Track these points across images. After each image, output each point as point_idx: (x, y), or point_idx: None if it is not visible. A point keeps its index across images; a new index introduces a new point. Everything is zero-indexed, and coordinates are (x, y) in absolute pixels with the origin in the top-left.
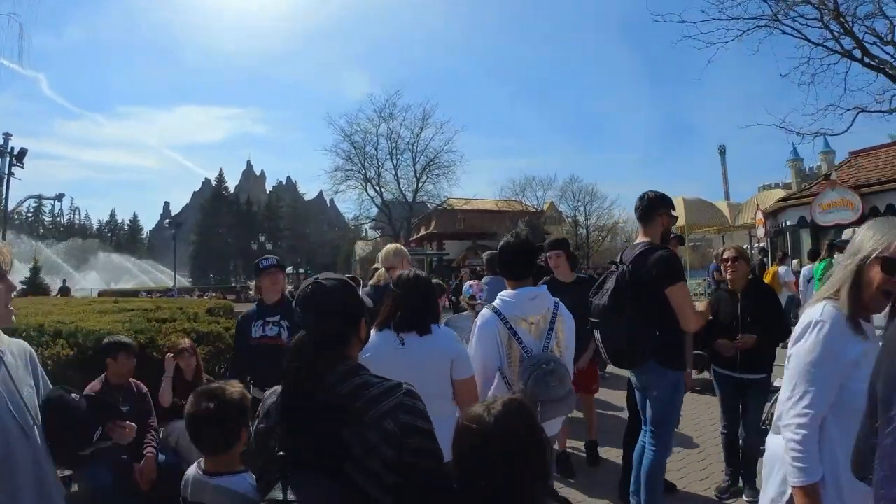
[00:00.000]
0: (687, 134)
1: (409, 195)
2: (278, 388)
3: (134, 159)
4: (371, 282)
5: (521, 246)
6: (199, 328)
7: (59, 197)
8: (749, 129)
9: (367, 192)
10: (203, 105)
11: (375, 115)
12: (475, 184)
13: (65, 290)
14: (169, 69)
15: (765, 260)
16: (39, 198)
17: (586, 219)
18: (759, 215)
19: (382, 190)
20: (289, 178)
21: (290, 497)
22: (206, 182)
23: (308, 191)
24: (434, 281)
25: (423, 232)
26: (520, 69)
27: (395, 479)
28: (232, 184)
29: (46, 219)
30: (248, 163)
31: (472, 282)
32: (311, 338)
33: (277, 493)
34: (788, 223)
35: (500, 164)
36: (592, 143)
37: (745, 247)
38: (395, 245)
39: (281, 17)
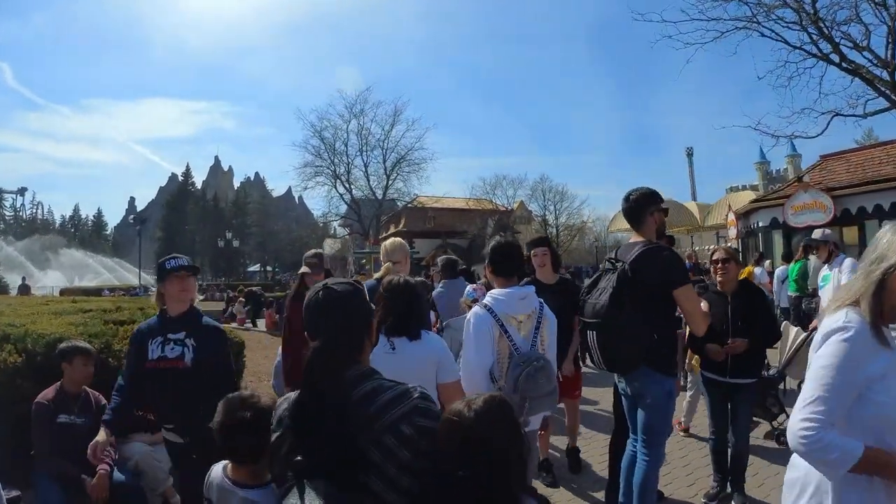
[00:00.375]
0: (653, 137)
1: (379, 192)
2: (291, 395)
3: (99, 153)
4: (377, 275)
5: (510, 247)
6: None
7: (22, 191)
8: (715, 133)
9: (336, 189)
10: (170, 98)
11: (346, 111)
12: (445, 184)
13: (24, 289)
14: (136, 61)
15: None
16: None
17: (556, 218)
18: (731, 216)
19: (352, 187)
20: (257, 174)
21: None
22: (173, 177)
23: (276, 187)
24: (417, 279)
25: (392, 230)
26: (487, 71)
27: (409, 481)
28: (199, 179)
29: (7, 213)
30: (216, 158)
31: (474, 285)
32: (326, 345)
33: (294, 499)
34: (760, 224)
35: (468, 164)
36: (560, 145)
37: (712, 247)
38: (396, 240)
39: (250, 10)
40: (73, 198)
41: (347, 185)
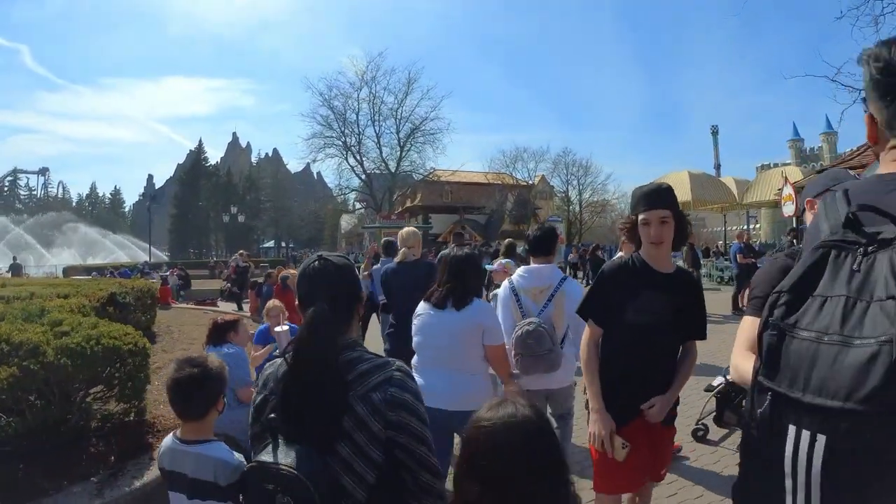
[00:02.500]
0: (677, 114)
1: (392, 164)
2: (278, 360)
3: (119, 132)
4: (397, 259)
5: (548, 231)
6: (13, 335)
7: (43, 171)
8: (740, 110)
9: (347, 161)
10: (190, 76)
11: (357, 79)
12: (462, 158)
13: (16, 269)
14: (155, 39)
15: (794, 242)
16: (18, 172)
17: (579, 194)
18: (788, 190)
19: (363, 159)
20: (275, 150)
21: (281, 460)
22: (191, 154)
23: (295, 164)
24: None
25: (407, 204)
26: (506, 44)
27: (377, 454)
28: (217, 156)
29: (22, 193)
30: (234, 135)
31: (497, 262)
32: (319, 313)
33: (267, 456)
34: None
35: (486, 140)
36: (582, 120)
37: (742, 227)
38: (409, 228)
39: None
40: (94, 177)
41: (358, 157)
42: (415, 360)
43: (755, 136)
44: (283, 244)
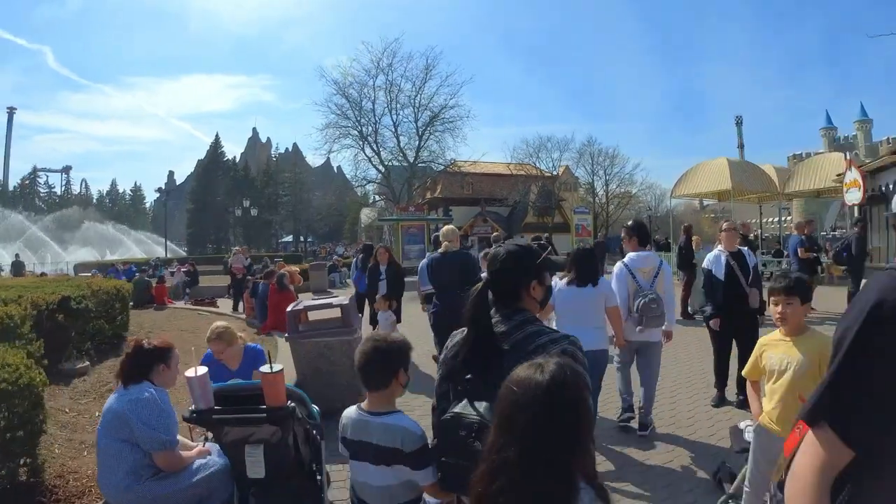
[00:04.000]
0: (700, 105)
1: (410, 154)
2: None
3: (142, 130)
4: (440, 250)
5: (643, 226)
6: None
7: (66, 169)
8: (763, 102)
9: (363, 151)
10: (211, 73)
11: (372, 66)
12: (482, 149)
13: (17, 267)
14: (175, 37)
15: (862, 235)
16: (41, 171)
17: (606, 184)
18: (854, 175)
19: (380, 149)
20: (295, 145)
21: (473, 411)
22: (209, 149)
23: (317, 158)
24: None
25: (428, 196)
26: (526, 36)
27: None
28: (237, 152)
29: (42, 191)
30: (254, 130)
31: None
32: (486, 290)
33: (461, 409)
34: None
35: (507, 132)
36: (604, 112)
37: (774, 220)
38: (450, 226)
39: None
40: (118, 175)
41: (375, 147)
42: (558, 317)
43: (780, 128)
44: (302, 238)
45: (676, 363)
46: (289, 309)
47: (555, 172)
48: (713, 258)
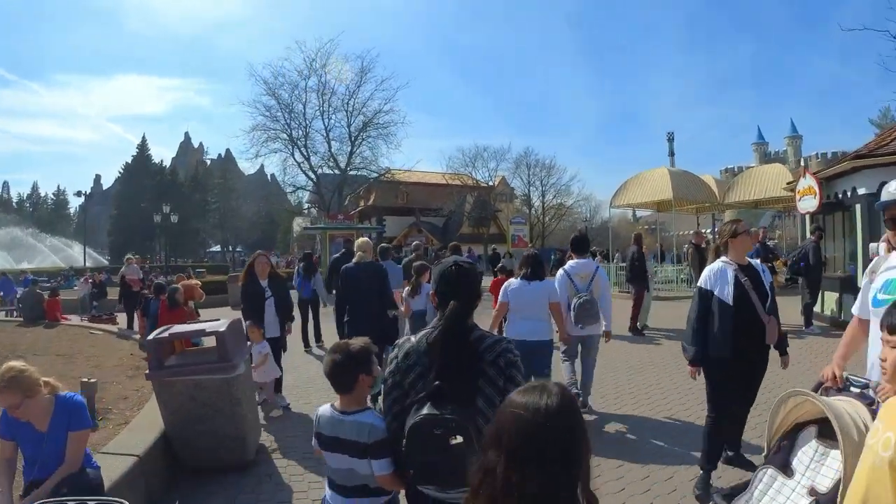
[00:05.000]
0: (632, 123)
1: (342, 160)
2: (410, 337)
3: (72, 131)
4: (355, 260)
5: (583, 237)
6: None
7: None
8: (694, 120)
9: (293, 156)
10: (145, 74)
11: (305, 66)
12: (416, 157)
13: None
14: (110, 35)
15: (818, 244)
16: None
17: (543, 194)
18: (808, 182)
19: (310, 154)
20: (228, 151)
21: (443, 412)
22: (136, 152)
23: (250, 166)
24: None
25: (361, 205)
26: (463, 50)
27: (499, 402)
28: (168, 156)
29: None
30: (186, 135)
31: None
32: (462, 306)
33: (429, 410)
34: (861, 192)
35: (443, 144)
36: (540, 127)
37: (708, 230)
38: (365, 238)
39: None
40: (45, 177)
41: (305, 152)
42: (511, 313)
43: (713, 143)
44: (231, 248)
45: (628, 379)
46: (149, 337)
47: (491, 183)
48: (715, 275)
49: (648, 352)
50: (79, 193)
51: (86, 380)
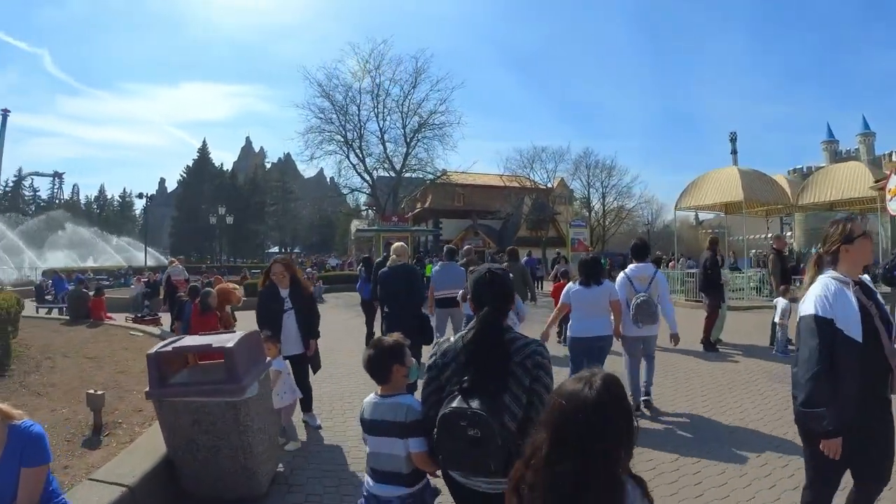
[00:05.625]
0: (689, 121)
1: (397, 161)
2: (449, 337)
3: (138, 137)
4: (388, 263)
5: (643, 244)
6: None
7: (58, 175)
8: (758, 119)
9: (348, 158)
10: (209, 82)
11: (359, 68)
12: (472, 159)
13: None
14: (174, 44)
15: None
16: (31, 175)
17: (603, 196)
18: None
19: (365, 156)
20: (287, 154)
21: (470, 405)
22: (197, 156)
23: (310, 169)
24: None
25: (418, 208)
26: (520, 52)
27: (524, 398)
28: (230, 160)
29: (27, 194)
30: (247, 139)
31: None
32: (494, 311)
33: (457, 403)
34: None
35: (499, 146)
36: (598, 129)
37: (763, 236)
38: (400, 243)
39: None
40: (114, 181)
41: (360, 154)
42: (573, 311)
43: (776, 143)
44: (288, 249)
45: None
46: (150, 352)
47: (549, 185)
48: (832, 295)
49: (724, 371)
50: (140, 195)
51: (93, 391)
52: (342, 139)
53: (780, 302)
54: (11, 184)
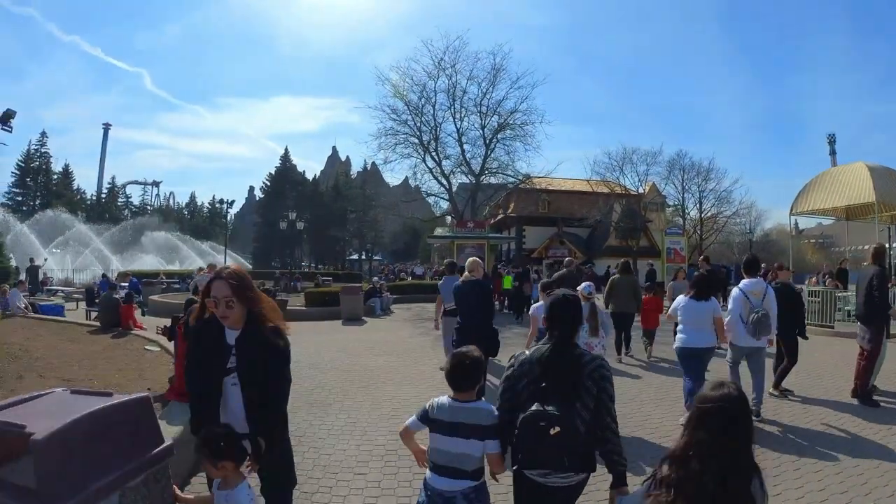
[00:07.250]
0: (784, 122)
1: (476, 164)
2: (525, 351)
3: (234, 148)
4: (462, 278)
5: (754, 259)
6: None
7: (156, 184)
8: (858, 120)
9: (424, 162)
10: (300, 96)
11: (433, 67)
12: (561, 169)
13: (32, 272)
14: (265, 60)
15: None
16: (131, 184)
17: (700, 202)
18: None
19: (442, 159)
20: (373, 164)
21: (549, 409)
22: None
23: (396, 178)
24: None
25: (500, 215)
26: (608, 57)
27: (591, 405)
28: (317, 170)
29: (120, 201)
30: (334, 148)
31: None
32: (566, 331)
33: (536, 407)
34: None
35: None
36: (689, 133)
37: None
38: (474, 258)
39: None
40: (206, 190)
41: (437, 157)
42: (681, 324)
43: (877, 144)
44: (371, 256)
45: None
46: None
47: (640, 190)
48: None
49: None
50: (222, 202)
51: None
52: (417, 141)
53: None
54: (106, 193)
